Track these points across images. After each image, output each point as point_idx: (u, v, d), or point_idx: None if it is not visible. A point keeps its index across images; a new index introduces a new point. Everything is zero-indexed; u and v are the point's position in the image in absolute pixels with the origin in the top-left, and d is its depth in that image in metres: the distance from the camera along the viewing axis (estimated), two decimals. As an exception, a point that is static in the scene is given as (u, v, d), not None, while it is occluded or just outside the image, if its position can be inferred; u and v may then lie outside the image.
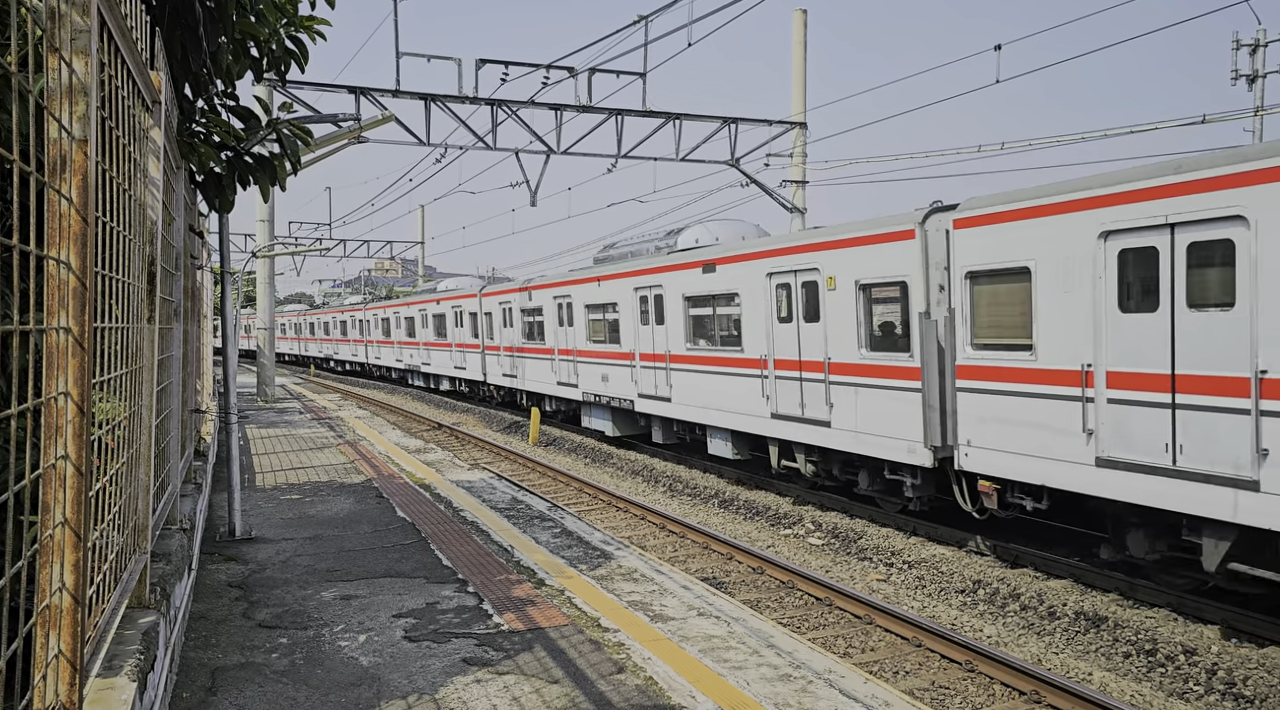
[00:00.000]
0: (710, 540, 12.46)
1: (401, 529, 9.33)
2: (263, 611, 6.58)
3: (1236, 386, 7.96)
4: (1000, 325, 10.48)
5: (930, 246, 11.30)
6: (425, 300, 34.68)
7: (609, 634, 6.02)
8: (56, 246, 2.24)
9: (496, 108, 20.85)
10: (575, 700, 4.88)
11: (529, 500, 11.72)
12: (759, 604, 9.95)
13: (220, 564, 7.96)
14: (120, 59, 3.14)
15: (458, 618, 6.36)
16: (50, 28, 2.23)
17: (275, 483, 12.35)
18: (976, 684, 7.87)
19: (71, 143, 2.30)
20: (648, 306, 18.27)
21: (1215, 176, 8.11)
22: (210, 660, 5.58)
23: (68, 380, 2.31)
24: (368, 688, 5.10)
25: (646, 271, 18.20)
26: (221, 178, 6.15)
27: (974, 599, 10.23)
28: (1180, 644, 8.39)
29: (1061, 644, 8.97)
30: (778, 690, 5.16)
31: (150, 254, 4.13)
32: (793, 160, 24.75)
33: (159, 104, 4.13)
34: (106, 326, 2.99)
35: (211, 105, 6.19)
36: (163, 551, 4.86)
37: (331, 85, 19.71)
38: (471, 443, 23.16)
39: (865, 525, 13.07)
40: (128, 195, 3.45)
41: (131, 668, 3.26)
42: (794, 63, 24.51)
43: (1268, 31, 22.37)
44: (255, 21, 5.79)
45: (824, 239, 13.09)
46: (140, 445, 3.97)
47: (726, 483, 16.55)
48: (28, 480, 2.07)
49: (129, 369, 3.63)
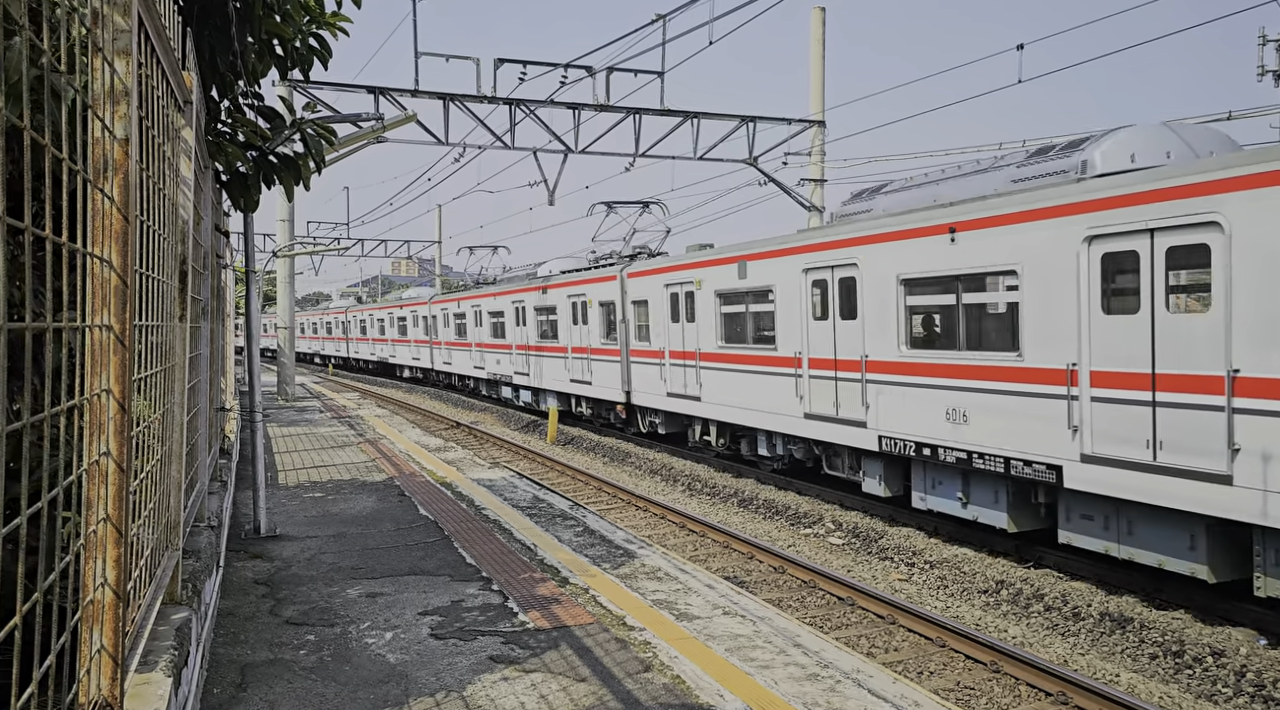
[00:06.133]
0: (731, 539, 12.44)
1: (424, 527, 9.36)
2: (290, 608, 6.61)
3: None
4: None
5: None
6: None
7: (635, 632, 6.02)
8: (100, 245, 2.26)
9: (514, 107, 20.87)
10: (603, 699, 4.88)
11: (550, 498, 11.74)
12: (781, 603, 9.92)
13: (246, 561, 8.01)
14: (156, 59, 3.16)
15: (483, 615, 6.38)
16: (93, 29, 2.24)
17: (298, 481, 12.42)
18: (1002, 684, 7.82)
19: (113, 142, 2.32)
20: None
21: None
22: (239, 656, 5.62)
23: (110, 377, 2.33)
24: (396, 685, 5.12)
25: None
26: (247, 177, 6.19)
27: (997, 599, 10.17)
28: (1208, 646, 8.31)
29: (1087, 645, 8.91)
30: (806, 690, 5.15)
31: (182, 253, 4.16)
32: (811, 158, 24.67)
33: (190, 104, 4.16)
34: (143, 325, 3.02)
35: (238, 105, 6.22)
36: (193, 548, 4.89)
37: (351, 85, 19.79)
38: (490, 441, 23.22)
39: (886, 525, 13.01)
40: (162, 194, 3.48)
41: (167, 663, 3.29)
42: (812, 61, 24.43)
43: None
44: (281, 21, 5.82)
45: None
46: (173, 442, 4.00)
47: (746, 482, 16.51)
48: (75, 476, 2.09)
49: (162, 367, 3.65)
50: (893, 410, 12.27)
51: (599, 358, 21.90)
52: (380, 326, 45.68)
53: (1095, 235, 9.39)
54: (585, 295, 22.45)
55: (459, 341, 32.52)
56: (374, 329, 47.14)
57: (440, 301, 35.38)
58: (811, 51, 24.39)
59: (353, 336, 52.17)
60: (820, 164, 24.74)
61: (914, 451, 11.88)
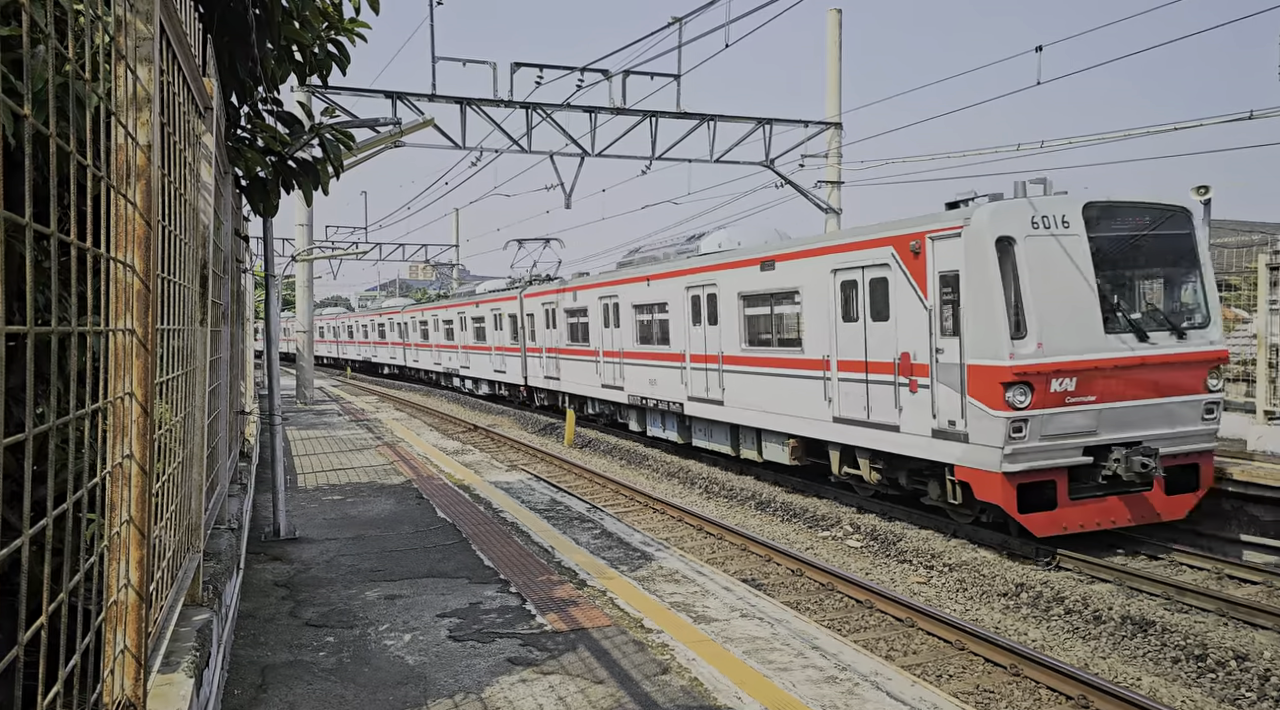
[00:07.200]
0: (749, 542, 12.42)
1: (442, 530, 9.40)
2: (309, 610, 6.66)
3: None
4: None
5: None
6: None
7: (652, 635, 6.02)
8: (122, 250, 2.29)
9: (531, 111, 20.93)
10: (621, 701, 4.89)
11: (567, 501, 11.75)
12: (799, 606, 9.90)
13: (266, 563, 8.06)
14: (177, 66, 3.20)
15: (501, 618, 6.40)
16: (116, 37, 2.27)
17: (317, 483, 12.50)
18: (1022, 688, 7.77)
19: (136, 148, 2.35)
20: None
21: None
22: (260, 658, 5.66)
23: (132, 381, 2.36)
24: (414, 686, 5.14)
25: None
26: (266, 182, 6.24)
27: (1017, 602, 10.10)
28: (1231, 649, 8.23)
29: (1108, 648, 8.84)
30: (824, 692, 5.13)
31: (203, 257, 4.20)
32: (828, 161, 24.61)
33: (210, 110, 4.20)
34: (165, 329, 3.05)
35: (257, 111, 6.27)
36: (213, 550, 4.93)
37: (369, 90, 19.91)
38: (508, 444, 23.28)
39: (905, 527, 12.96)
40: (183, 199, 3.51)
41: (189, 664, 3.32)
42: (829, 63, 24.38)
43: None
44: (300, 27, 5.86)
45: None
46: (194, 445, 4.03)
47: (763, 485, 16.48)
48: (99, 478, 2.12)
49: (184, 370, 3.69)
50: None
51: (509, 354, 30.42)
52: (365, 331, 56.89)
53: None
54: (499, 310, 31.18)
55: (424, 343, 42.95)
56: (359, 333, 58.46)
57: (410, 311, 45.97)
58: (828, 53, 24.34)
59: (342, 340, 64.00)
60: (837, 166, 24.67)
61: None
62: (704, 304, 17.76)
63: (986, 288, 11.01)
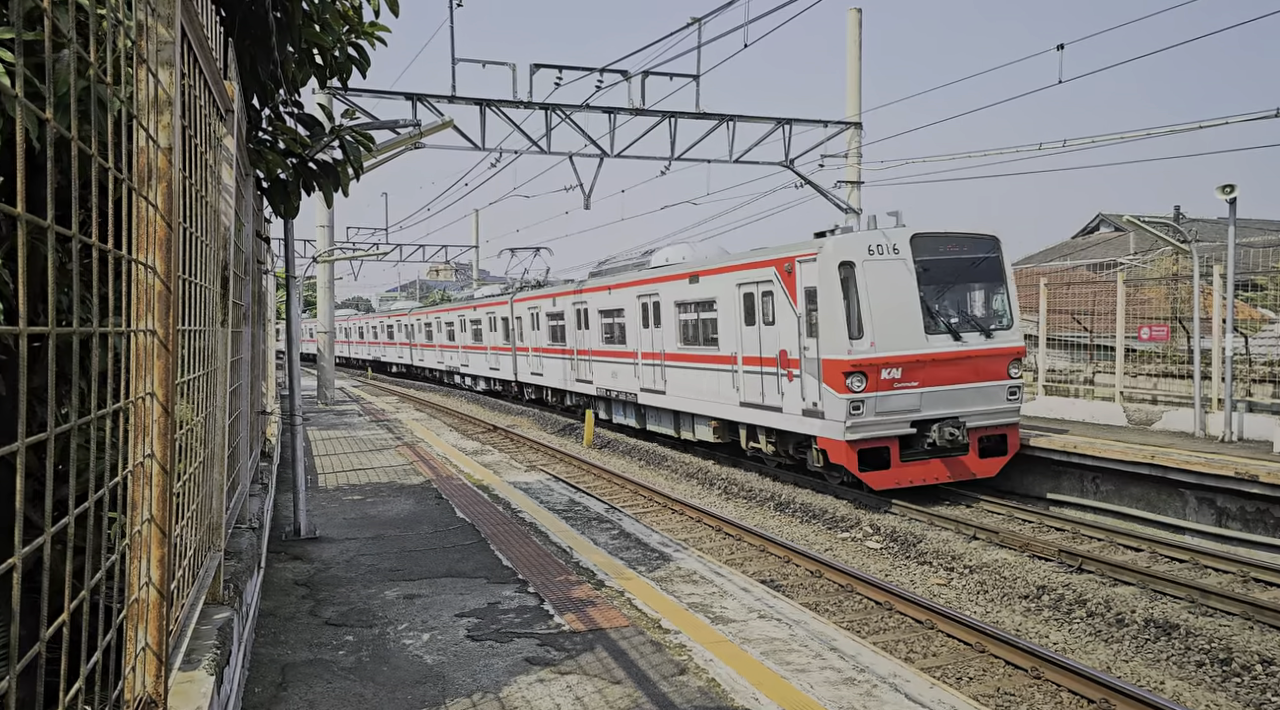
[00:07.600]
0: (767, 543, 12.39)
1: (461, 530, 9.43)
2: (329, 610, 6.70)
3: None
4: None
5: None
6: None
7: (670, 635, 6.02)
8: (144, 251, 2.31)
9: (550, 112, 20.95)
10: (638, 701, 4.89)
11: (586, 502, 11.76)
12: (818, 607, 9.86)
13: (287, 562, 8.12)
14: (198, 69, 3.23)
15: (519, 618, 6.41)
16: (138, 41, 2.30)
17: (337, 483, 12.57)
18: (1043, 691, 7.71)
19: (157, 151, 2.37)
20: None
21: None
22: (280, 656, 5.70)
23: (154, 381, 2.38)
24: (433, 685, 5.16)
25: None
26: (287, 184, 6.28)
27: (1038, 605, 10.03)
28: (1257, 653, 8.13)
29: (1131, 651, 8.76)
30: (842, 694, 5.11)
31: (224, 258, 4.23)
32: (848, 161, 24.50)
33: (231, 113, 4.24)
34: (186, 329, 3.08)
35: (278, 113, 6.32)
36: (234, 549, 4.98)
37: (388, 92, 19.99)
38: (527, 445, 23.33)
39: (925, 528, 12.90)
40: (204, 202, 3.54)
41: (209, 662, 3.35)
42: (849, 62, 24.28)
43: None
44: (321, 30, 5.91)
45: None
46: (215, 445, 4.07)
47: (781, 485, 16.45)
48: (120, 477, 2.14)
49: (205, 371, 3.72)
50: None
51: (502, 353, 33.18)
52: (375, 333, 60.41)
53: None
54: (494, 313, 33.79)
55: (428, 344, 45.96)
56: (369, 334, 62.04)
57: (416, 314, 48.70)
58: (848, 53, 24.24)
59: (354, 340, 67.64)
60: (857, 166, 24.55)
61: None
62: (651, 310, 20.89)
63: (834, 300, 14.08)
